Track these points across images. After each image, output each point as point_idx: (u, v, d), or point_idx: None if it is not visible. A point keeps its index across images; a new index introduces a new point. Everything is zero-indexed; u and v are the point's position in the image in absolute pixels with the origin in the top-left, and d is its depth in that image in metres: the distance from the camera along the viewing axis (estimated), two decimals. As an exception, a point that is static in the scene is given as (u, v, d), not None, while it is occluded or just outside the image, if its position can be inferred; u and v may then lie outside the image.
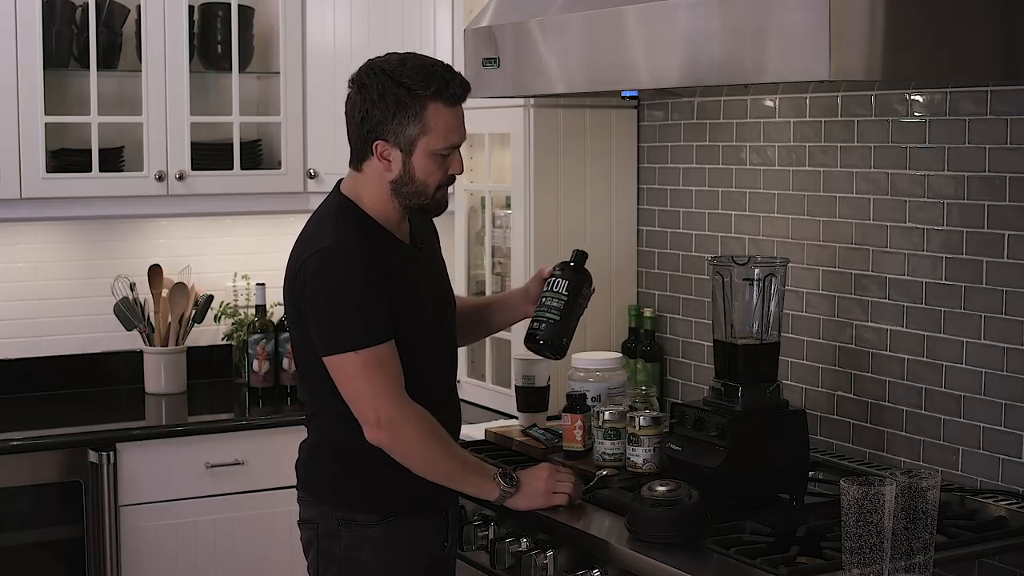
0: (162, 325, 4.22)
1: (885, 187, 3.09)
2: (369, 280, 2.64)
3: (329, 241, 2.67)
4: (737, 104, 3.47)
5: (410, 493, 2.74)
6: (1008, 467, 2.85)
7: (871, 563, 2.23)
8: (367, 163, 2.72)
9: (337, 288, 2.63)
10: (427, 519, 2.81)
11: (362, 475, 2.75)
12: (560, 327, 2.88)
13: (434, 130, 2.66)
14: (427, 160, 2.68)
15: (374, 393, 2.64)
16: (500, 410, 3.76)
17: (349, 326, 2.64)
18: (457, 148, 2.72)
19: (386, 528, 2.74)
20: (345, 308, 2.64)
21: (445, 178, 2.72)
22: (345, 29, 4.12)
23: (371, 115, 2.66)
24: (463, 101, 2.72)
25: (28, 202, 3.90)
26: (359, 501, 2.75)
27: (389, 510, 2.75)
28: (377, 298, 2.64)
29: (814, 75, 2.38)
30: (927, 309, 3.01)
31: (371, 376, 2.63)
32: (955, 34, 2.52)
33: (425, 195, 2.72)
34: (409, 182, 2.70)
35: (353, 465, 2.75)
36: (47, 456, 3.71)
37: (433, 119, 2.65)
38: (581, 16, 2.91)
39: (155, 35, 3.99)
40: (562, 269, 2.91)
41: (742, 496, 2.79)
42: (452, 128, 2.68)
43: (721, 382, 2.88)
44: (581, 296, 2.91)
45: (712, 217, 3.58)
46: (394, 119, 2.65)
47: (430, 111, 2.65)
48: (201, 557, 3.84)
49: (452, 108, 2.68)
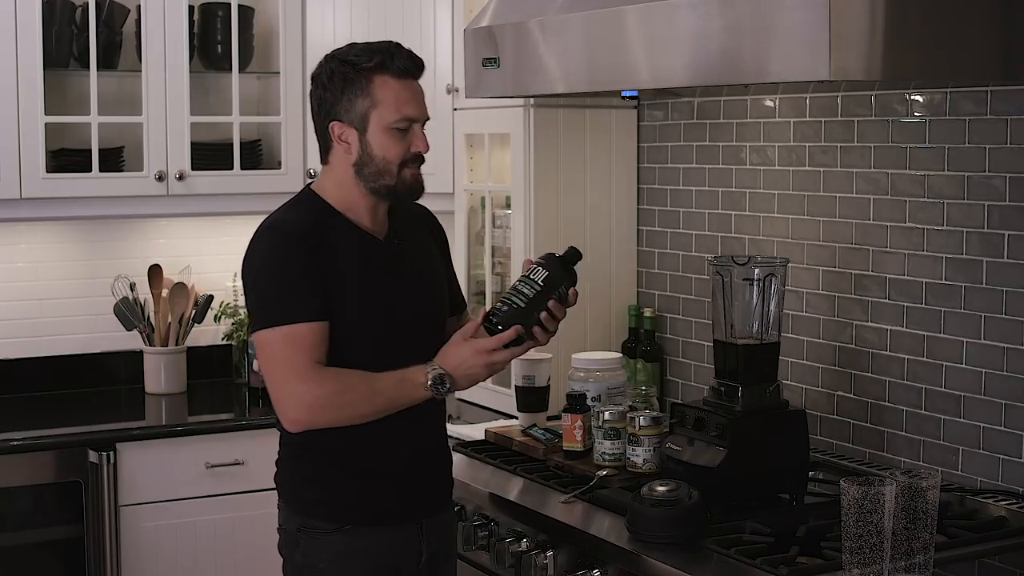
0: (162, 325, 4.22)
1: (885, 187, 3.09)
2: (296, 260, 2.59)
3: (269, 222, 2.67)
4: (737, 104, 3.47)
5: (368, 500, 2.67)
6: (1008, 467, 2.85)
7: (871, 563, 2.23)
8: (331, 153, 2.69)
9: (264, 267, 2.63)
10: (394, 530, 2.69)
11: (319, 479, 2.69)
12: (520, 315, 2.65)
13: (384, 102, 2.61)
14: (383, 135, 2.63)
15: (287, 372, 2.57)
16: (500, 410, 3.76)
17: (268, 304, 2.61)
18: (416, 123, 2.65)
19: (342, 537, 2.66)
20: (268, 286, 2.62)
21: (408, 155, 2.65)
22: (345, 29, 4.11)
23: (324, 100, 2.66)
24: (415, 76, 2.66)
25: (28, 202, 3.90)
26: (315, 507, 2.68)
27: (345, 518, 2.66)
28: (300, 278, 2.58)
29: (814, 75, 2.38)
30: (927, 309, 3.01)
31: (284, 355, 2.57)
32: (955, 34, 2.52)
33: (389, 174, 2.65)
34: (369, 161, 2.64)
35: (312, 467, 2.69)
36: (47, 456, 3.71)
37: (381, 91, 2.62)
38: (581, 16, 2.91)
39: (155, 35, 3.99)
40: (547, 260, 2.71)
41: (742, 496, 2.79)
42: (404, 100, 2.63)
43: (721, 382, 2.88)
44: (556, 292, 2.68)
45: (712, 217, 3.58)
46: (343, 96, 2.63)
47: (376, 83, 2.62)
48: (201, 557, 3.84)
49: (401, 80, 2.63)
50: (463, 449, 3.35)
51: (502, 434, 3.39)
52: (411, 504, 2.71)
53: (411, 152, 2.65)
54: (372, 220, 2.71)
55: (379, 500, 2.68)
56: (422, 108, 2.67)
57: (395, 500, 2.69)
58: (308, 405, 2.58)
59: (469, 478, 3.13)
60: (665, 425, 3.02)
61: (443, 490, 2.81)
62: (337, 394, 2.58)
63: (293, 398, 2.58)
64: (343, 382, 2.59)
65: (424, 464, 2.74)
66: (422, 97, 2.68)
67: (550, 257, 2.71)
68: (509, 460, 3.24)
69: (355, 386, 2.60)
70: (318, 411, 2.58)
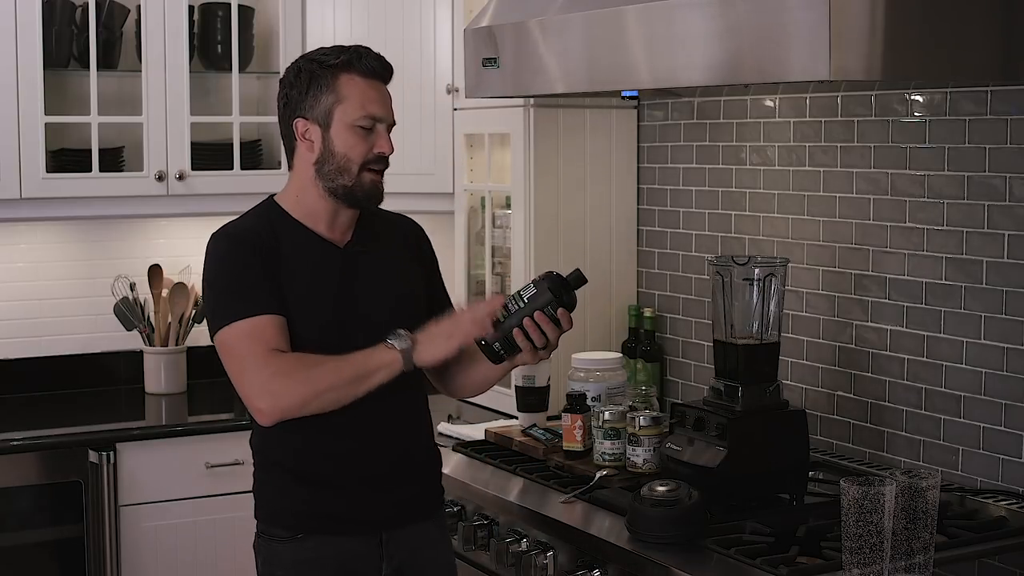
0: (162, 325, 4.22)
1: (885, 187, 3.09)
2: (244, 260, 2.58)
3: (223, 228, 2.66)
4: (737, 104, 3.47)
5: (320, 507, 2.62)
6: (1008, 467, 2.85)
7: (871, 563, 2.23)
8: (295, 154, 2.66)
9: (219, 270, 2.61)
10: (350, 540, 2.63)
11: (274, 485, 2.67)
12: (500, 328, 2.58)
13: (349, 99, 2.59)
14: (346, 133, 2.59)
15: (246, 364, 2.52)
16: (500, 410, 3.76)
17: (221, 303, 2.59)
18: (380, 124, 2.62)
19: (295, 545, 2.62)
20: (224, 287, 2.60)
21: (371, 156, 2.61)
22: (345, 29, 4.11)
23: (290, 98, 2.64)
24: (383, 80, 2.64)
25: (28, 202, 3.90)
26: (271, 514, 2.67)
27: (298, 526, 2.62)
28: (256, 277, 2.56)
29: (814, 75, 2.38)
30: (927, 309, 3.01)
31: (243, 349, 2.53)
32: (955, 34, 2.52)
33: (348, 173, 2.60)
34: (330, 158, 2.60)
35: (268, 474, 2.68)
36: (47, 456, 3.71)
37: (346, 88, 2.59)
38: (581, 16, 2.91)
39: (155, 35, 3.99)
40: (540, 278, 2.62)
41: (742, 496, 2.79)
42: (370, 99, 2.60)
43: (721, 382, 2.88)
44: (541, 310, 2.56)
45: (712, 217, 3.58)
46: (308, 93, 2.61)
47: (342, 80, 2.60)
48: (201, 557, 3.84)
49: (368, 80, 2.61)
50: (463, 449, 3.36)
51: (502, 434, 3.39)
52: (366, 515, 2.64)
53: (373, 152, 2.62)
54: (330, 228, 2.66)
55: (329, 508, 2.62)
56: (388, 110, 2.64)
57: (346, 509, 2.62)
58: (270, 390, 2.51)
59: (469, 478, 3.13)
60: (665, 425, 3.02)
61: (411, 504, 2.69)
62: (298, 370, 2.51)
63: (256, 387, 2.52)
64: (303, 360, 2.53)
65: (385, 476, 2.65)
66: (389, 101, 2.65)
67: (546, 275, 2.63)
68: (509, 460, 3.24)
69: (319, 362, 2.52)
70: (281, 393, 2.51)
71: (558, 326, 2.59)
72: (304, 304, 2.60)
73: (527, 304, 2.58)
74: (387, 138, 2.64)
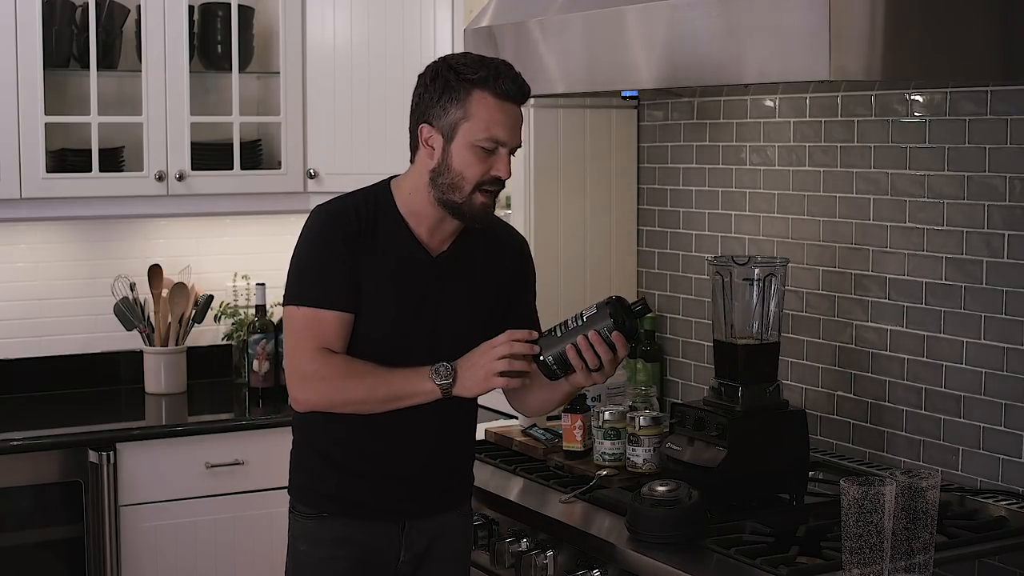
0: (162, 325, 4.22)
1: (885, 187, 3.09)
2: (332, 245, 2.60)
3: (327, 202, 2.68)
4: (737, 104, 3.47)
5: (346, 493, 2.68)
6: (1008, 467, 2.85)
7: (871, 563, 2.23)
8: (416, 154, 2.65)
9: (304, 242, 2.64)
10: (373, 524, 2.69)
11: (306, 464, 2.74)
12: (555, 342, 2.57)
13: (476, 117, 2.55)
14: (467, 151, 2.56)
15: (296, 350, 2.61)
16: (500, 410, 3.76)
17: (299, 280, 2.63)
18: (503, 147, 2.58)
19: (319, 523, 2.70)
20: (303, 262, 2.64)
21: (486, 177, 2.58)
22: (345, 29, 4.11)
23: (422, 99, 2.62)
24: (518, 102, 2.59)
25: (28, 202, 3.90)
26: (298, 491, 2.75)
27: (322, 506, 2.70)
28: (337, 265, 2.59)
29: (814, 75, 2.38)
30: (927, 309, 3.01)
31: (302, 334, 2.60)
32: (955, 34, 2.52)
33: (461, 190, 2.58)
34: (446, 171, 2.58)
35: (302, 453, 2.75)
36: (47, 456, 3.71)
37: (477, 106, 2.55)
38: (581, 16, 2.91)
39: (155, 35, 3.99)
40: (607, 301, 2.59)
41: (742, 496, 2.79)
42: (497, 121, 2.55)
43: (721, 382, 2.88)
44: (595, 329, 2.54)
45: (712, 217, 3.58)
46: (439, 101, 2.58)
47: (475, 97, 2.55)
48: (201, 557, 3.84)
49: (500, 102, 2.55)
50: (463, 449, 3.35)
51: (502, 434, 3.39)
52: (391, 505, 2.70)
53: (490, 175, 2.58)
54: (430, 233, 2.66)
55: (355, 496, 2.68)
56: (514, 134, 2.59)
57: (371, 498, 2.69)
58: (306, 386, 2.61)
59: (469, 478, 3.13)
60: (665, 425, 3.02)
61: (438, 498, 2.74)
62: (336, 377, 2.59)
63: (296, 378, 2.62)
64: (347, 368, 2.60)
65: (416, 476, 2.69)
66: (518, 124, 2.60)
67: (610, 299, 2.60)
68: (509, 460, 3.24)
69: (360, 373, 2.59)
70: (314, 392, 2.61)
71: (613, 350, 2.56)
72: (376, 303, 2.62)
73: (584, 323, 2.57)
74: (507, 162, 2.59)
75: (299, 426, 2.77)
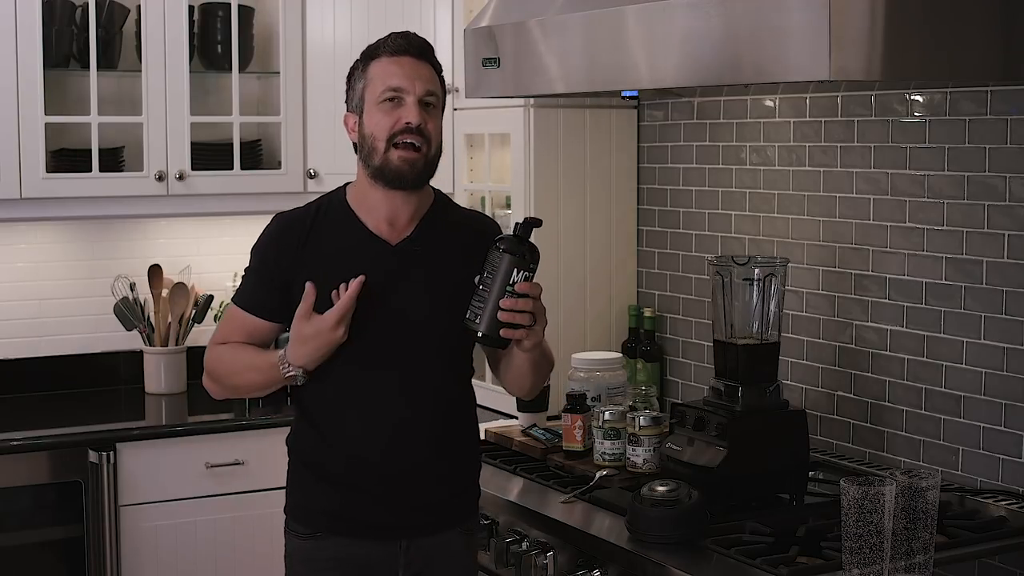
0: (162, 325, 4.22)
1: (885, 187, 3.09)
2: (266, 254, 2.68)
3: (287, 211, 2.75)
4: (737, 104, 3.47)
5: (340, 510, 2.62)
6: (1008, 467, 2.85)
7: (871, 563, 2.23)
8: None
9: (254, 245, 2.74)
10: (369, 543, 2.62)
11: (300, 483, 2.70)
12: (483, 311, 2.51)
13: (374, 79, 2.60)
14: (374, 111, 2.58)
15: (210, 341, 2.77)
16: (500, 410, 3.76)
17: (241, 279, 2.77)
18: (407, 96, 2.56)
19: (314, 544, 2.64)
20: (248, 265, 2.74)
21: (396, 128, 2.55)
22: (345, 29, 4.11)
23: (346, 96, 2.70)
24: (413, 54, 2.61)
25: (28, 202, 3.90)
26: (293, 509, 2.70)
27: (316, 524, 2.64)
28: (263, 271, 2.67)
29: (814, 75, 2.38)
30: (927, 309, 3.01)
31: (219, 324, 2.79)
32: (955, 34, 2.52)
33: (377, 151, 2.57)
34: (363, 142, 2.60)
35: (295, 471, 2.72)
36: (47, 456, 3.71)
37: (373, 70, 2.61)
38: (581, 16, 2.91)
39: (155, 35, 3.99)
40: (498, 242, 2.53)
41: (742, 496, 2.80)
42: (391, 72, 2.58)
43: (721, 382, 2.88)
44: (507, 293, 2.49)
45: (712, 217, 3.58)
46: (352, 88, 2.66)
47: (371, 65, 2.61)
48: (201, 557, 3.84)
49: (392, 58, 2.60)
50: (463, 449, 3.35)
51: (502, 434, 3.39)
52: (387, 520, 2.62)
53: (400, 125, 2.56)
54: (389, 222, 2.63)
55: (350, 512, 2.62)
56: (412, 82, 2.57)
57: (366, 513, 2.62)
58: (205, 374, 2.75)
59: (469, 478, 3.13)
60: (665, 425, 3.02)
61: (436, 511, 2.65)
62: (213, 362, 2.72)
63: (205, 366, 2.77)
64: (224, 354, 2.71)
65: (408, 482, 2.61)
66: (420, 74, 2.59)
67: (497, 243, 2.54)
68: (509, 460, 3.24)
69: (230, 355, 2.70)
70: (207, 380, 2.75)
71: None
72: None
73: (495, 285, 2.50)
74: (413, 109, 2.56)
75: (290, 445, 2.74)
